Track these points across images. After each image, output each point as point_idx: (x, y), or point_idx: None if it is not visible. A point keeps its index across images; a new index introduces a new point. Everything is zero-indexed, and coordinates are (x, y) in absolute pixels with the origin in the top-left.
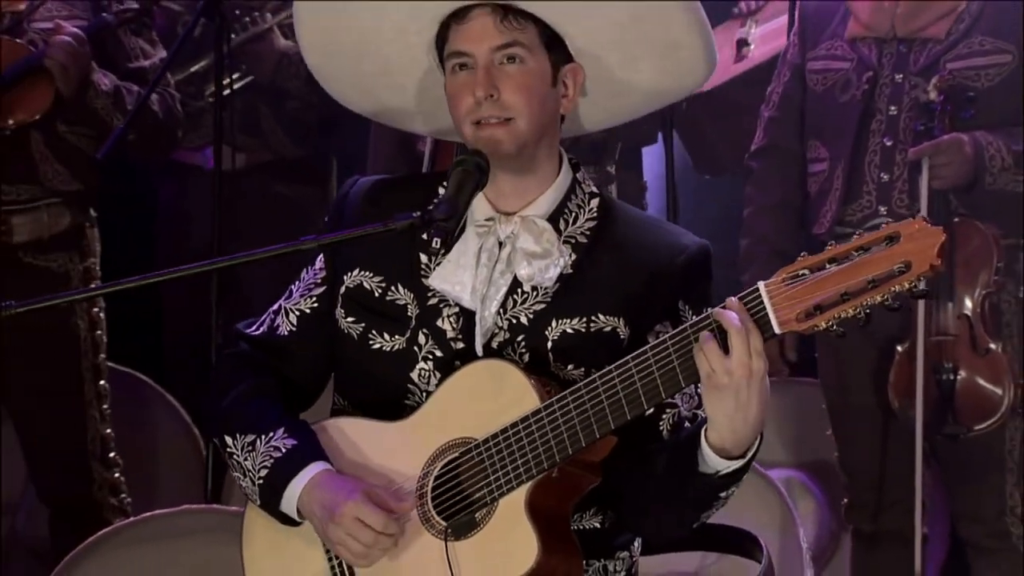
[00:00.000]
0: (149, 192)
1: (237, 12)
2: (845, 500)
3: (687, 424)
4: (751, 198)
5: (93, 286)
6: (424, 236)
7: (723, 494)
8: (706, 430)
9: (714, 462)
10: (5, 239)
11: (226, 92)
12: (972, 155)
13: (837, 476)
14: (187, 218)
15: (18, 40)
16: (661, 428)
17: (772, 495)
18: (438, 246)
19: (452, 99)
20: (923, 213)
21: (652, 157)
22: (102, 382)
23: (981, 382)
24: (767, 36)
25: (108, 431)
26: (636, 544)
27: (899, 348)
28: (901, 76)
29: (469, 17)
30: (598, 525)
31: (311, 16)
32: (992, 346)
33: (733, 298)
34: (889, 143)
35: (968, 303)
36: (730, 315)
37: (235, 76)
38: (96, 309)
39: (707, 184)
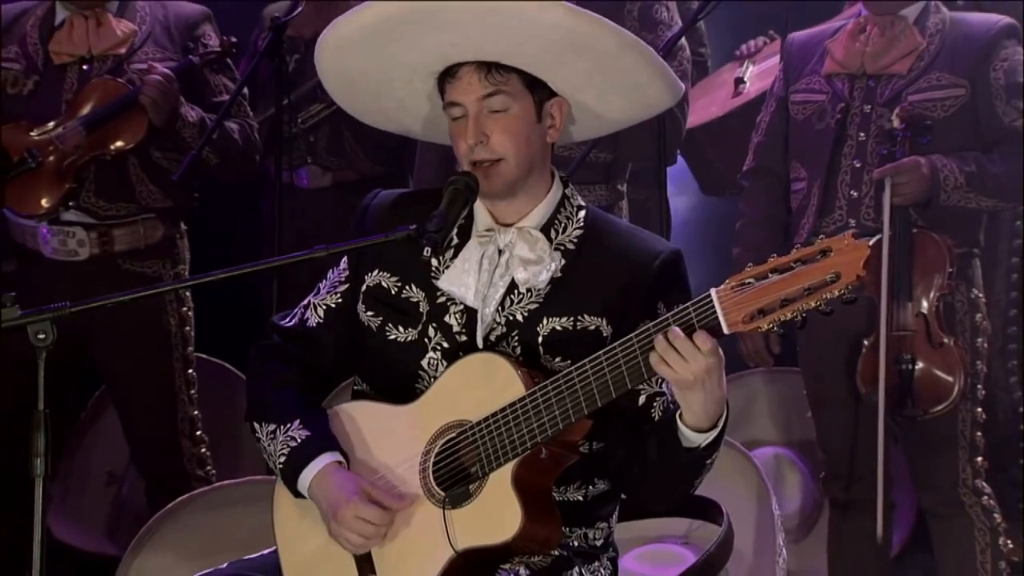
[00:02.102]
0: (254, 207)
1: None
2: (823, 473)
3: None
4: (742, 212)
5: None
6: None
7: (708, 461)
8: (681, 415)
9: (695, 438)
10: (107, 248)
11: (315, 120)
12: (929, 175)
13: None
14: (280, 230)
15: (119, 79)
16: (653, 414)
17: (751, 471)
18: (428, 254)
19: (452, 141)
20: (886, 225)
21: (673, 176)
22: (190, 371)
23: (936, 371)
24: (761, 74)
25: (195, 413)
26: (614, 517)
27: (865, 342)
28: (869, 107)
29: (458, 75)
30: (581, 498)
31: (331, 72)
32: (946, 340)
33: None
34: (858, 165)
35: (925, 303)
36: (675, 331)
37: (322, 106)
38: (185, 308)
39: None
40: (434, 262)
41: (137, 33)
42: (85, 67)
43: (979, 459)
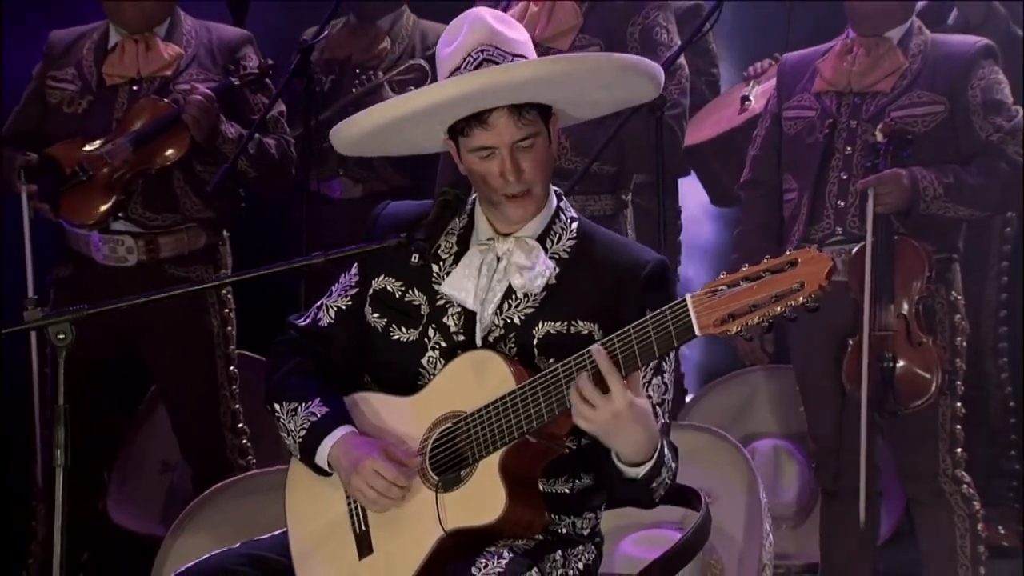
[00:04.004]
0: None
1: (357, 71)
2: (814, 464)
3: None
4: (740, 220)
5: (167, 288)
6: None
7: (654, 484)
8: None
9: (630, 471)
10: (153, 255)
11: None
12: (909, 186)
13: None
14: (309, 237)
15: (165, 99)
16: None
17: (742, 463)
18: (416, 260)
19: (482, 178)
20: (870, 233)
21: (686, 187)
22: (232, 367)
23: (915, 369)
24: (765, 93)
25: (237, 406)
26: (601, 508)
27: (851, 341)
28: (855, 123)
29: (490, 121)
30: (568, 491)
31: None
32: (925, 340)
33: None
34: (845, 176)
35: (905, 305)
36: (581, 378)
37: None
38: (227, 310)
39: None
40: (435, 268)
41: (183, 56)
42: (135, 88)
43: (959, 450)
